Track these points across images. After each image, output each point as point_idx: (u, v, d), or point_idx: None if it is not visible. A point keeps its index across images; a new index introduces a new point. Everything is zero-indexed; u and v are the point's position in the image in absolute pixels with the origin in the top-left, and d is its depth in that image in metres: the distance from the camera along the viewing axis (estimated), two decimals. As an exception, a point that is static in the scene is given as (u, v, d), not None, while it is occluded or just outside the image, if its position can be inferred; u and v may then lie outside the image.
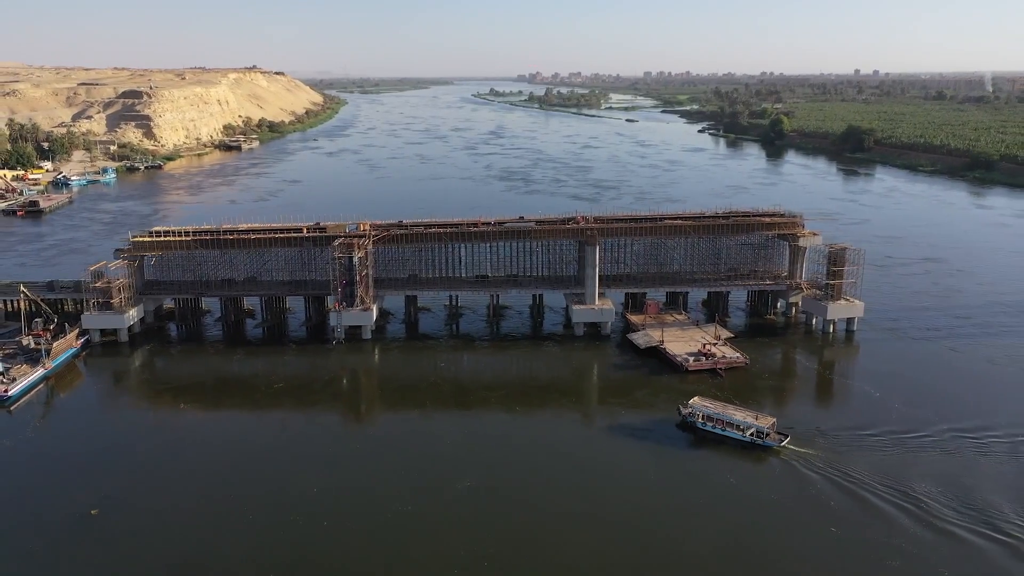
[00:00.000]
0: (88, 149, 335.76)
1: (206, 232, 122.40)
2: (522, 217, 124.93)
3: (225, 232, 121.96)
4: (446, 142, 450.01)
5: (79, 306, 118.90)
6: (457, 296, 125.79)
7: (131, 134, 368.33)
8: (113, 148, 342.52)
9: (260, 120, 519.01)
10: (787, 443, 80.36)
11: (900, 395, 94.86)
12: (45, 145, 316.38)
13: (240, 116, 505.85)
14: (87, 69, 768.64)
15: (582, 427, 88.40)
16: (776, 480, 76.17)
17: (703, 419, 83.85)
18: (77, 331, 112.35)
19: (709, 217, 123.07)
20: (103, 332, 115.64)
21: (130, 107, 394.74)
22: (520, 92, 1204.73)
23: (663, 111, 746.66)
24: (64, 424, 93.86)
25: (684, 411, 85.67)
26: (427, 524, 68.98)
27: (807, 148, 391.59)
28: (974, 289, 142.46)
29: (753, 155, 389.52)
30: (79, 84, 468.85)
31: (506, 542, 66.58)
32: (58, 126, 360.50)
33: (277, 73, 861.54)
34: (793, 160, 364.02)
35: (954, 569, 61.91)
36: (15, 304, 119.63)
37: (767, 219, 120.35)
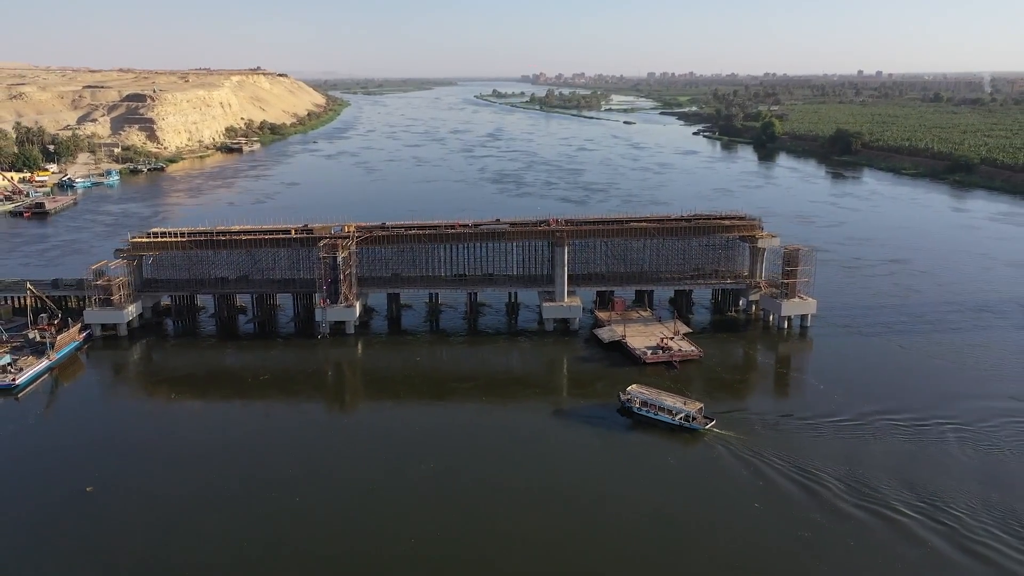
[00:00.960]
0: (92, 152, 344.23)
1: (201, 233, 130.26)
2: (498, 219, 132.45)
3: (219, 233, 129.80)
4: (444, 145, 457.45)
5: (81, 302, 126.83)
6: (437, 294, 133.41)
7: (134, 137, 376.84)
8: (117, 151, 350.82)
9: (262, 122, 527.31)
10: (711, 426, 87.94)
11: (838, 385, 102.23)
12: (51, 148, 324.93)
13: (242, 118, 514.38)
14: (92, 71, 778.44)
15: (541, 414, 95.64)
16: (699, 458, 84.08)
17: (639, 404, 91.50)
18: (79, 326, 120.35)
19: (673, 220, 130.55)
20: (104, 327, 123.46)
21: (134, 110, 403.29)
22: (522, 93, 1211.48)
23: (661, 113, 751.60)
24: (66, 411, 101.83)
25: (623, 398, 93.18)
26: (391, 501, 76.16)
27: (798, 151, 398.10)
28: (932, 289, 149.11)
29: (744, 158, 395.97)
30: (84, 87, 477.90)
31: (462, 515, 73.76)
32: (63, 129, 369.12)
33: (280, 75, 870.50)
34: (783, 163, 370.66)
35: (853, 540, 69.00)
36: (22, 301, 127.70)
37: (727, 222, 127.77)
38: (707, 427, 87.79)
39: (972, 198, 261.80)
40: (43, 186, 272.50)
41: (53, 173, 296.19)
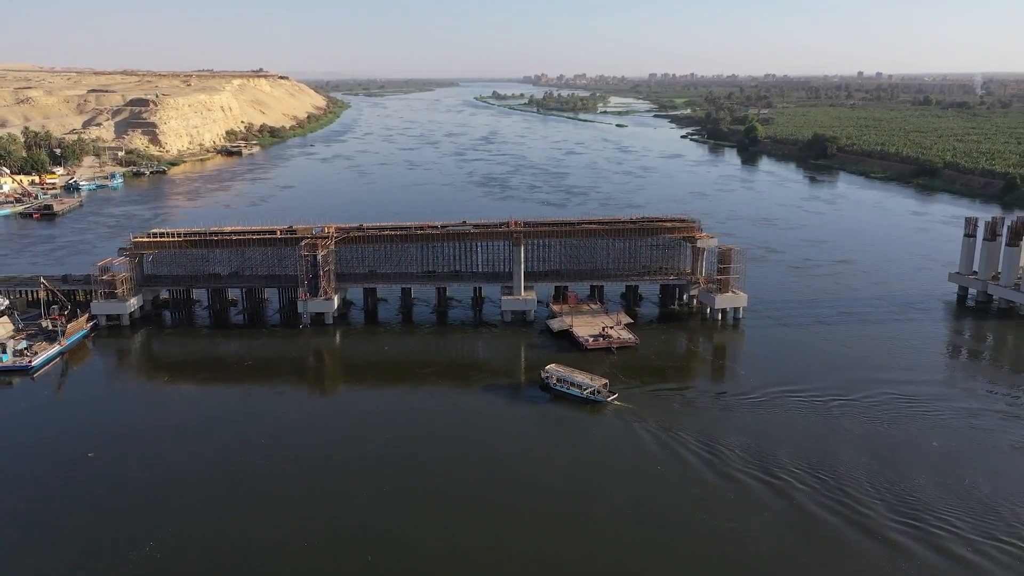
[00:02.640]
0: (97, 155, 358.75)
1: (196, 234, 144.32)
2: (464, 221, 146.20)
3: (212, 234, 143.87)
4: (437, 148, 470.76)
5: (88, 296, 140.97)
6: (410, 288, 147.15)
7: (138, 140, 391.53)
8: (120, 154, 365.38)
9: (262, 126, 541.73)
10: (613, 399, 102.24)
11: (754, 367, 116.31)
12: (57, 151, 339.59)
13: (242, 122, 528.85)
14: (96, 72, 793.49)
15: (486, 392, 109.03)
16: (602, 426, 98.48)
17: (556, 381, 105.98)
18: (87, 316, 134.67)
19: (621, 222, 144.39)
20: (108, 317, 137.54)
21: (137, 115, 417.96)
22: (522, 95, 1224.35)
23: (655, 116, 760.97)
24: (74, 390, 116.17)
25: (543, 376, 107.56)
26: (347, 467, 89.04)
27: (778, 154, 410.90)
28: (867, 287, 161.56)
29: (727, 162, 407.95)
30: (89, 91, 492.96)
31: (406, 477, 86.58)
32: (69, 133, 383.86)
33: (281, 77, 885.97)
34: (763, 166, 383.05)
35: (734, 499, 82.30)
36: (35, 294, 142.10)
37: (669, 224, 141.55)
38: (610, 399, 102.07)
39: (934, 201, 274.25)
40: (53, 188, 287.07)
41: (60, 176, 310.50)
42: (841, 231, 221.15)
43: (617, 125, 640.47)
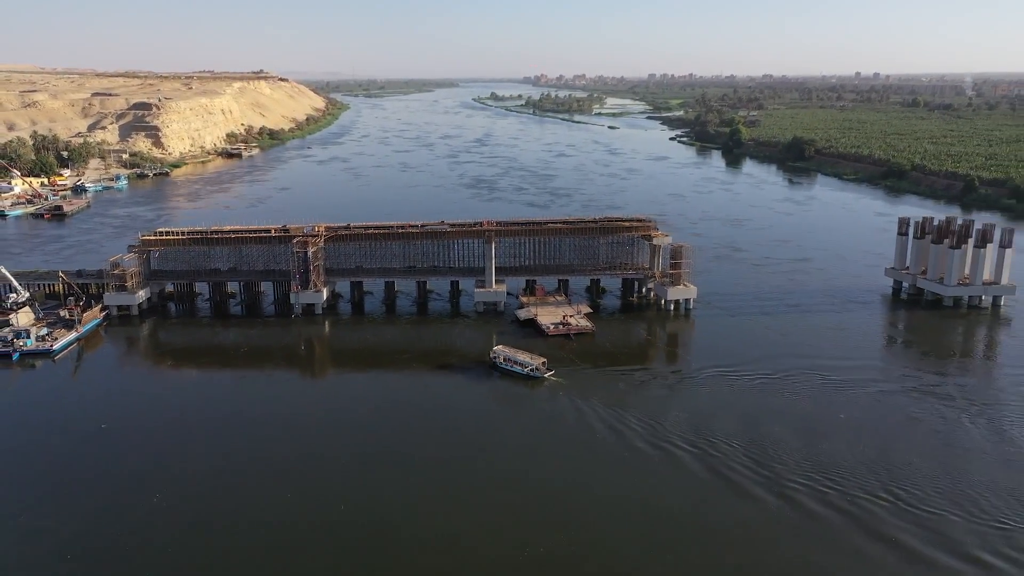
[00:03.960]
0: (102, 157, 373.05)
1: (198, 232, 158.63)
2: (443, 221, 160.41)
3: (213, 232, 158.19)
4: (432, 150, 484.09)
5: (101, 288, 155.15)
6: (393, 282, 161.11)
7: (141, 143, 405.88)
8: (125, 156, 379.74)
9: (261, 128, 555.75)
10: (550, 375, 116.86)
11: (693, 350, 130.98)
12: (64, 154, 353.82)
13: (242, 124, 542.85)
14: (98, 74, 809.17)
15: (452, 373, 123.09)
16: (539, 398, 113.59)
17: (502, 360, 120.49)
18: (100, 306, 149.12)
19: (585, 222, 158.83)
20: (119, 308, 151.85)
21: (140, 118, 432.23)
22: (519, 96, 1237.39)
23: (648, 117, 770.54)
24: (89, 371, 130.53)
25: (491, 356, 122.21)
26: (325, 434, 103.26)
27: (760, 156, 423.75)
28: (816, 283, 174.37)
29: (711, 164, 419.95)
30: (93, 95, 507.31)
31: (377, 441, 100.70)
32: (75, 136, 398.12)
33: (281, 79, 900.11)
34: (746, 168, 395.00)
35: (627, 452, 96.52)
36: (53, 287, 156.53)
37: (627, 223, 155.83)
38: (547, 376, 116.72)
39: (900, 203, 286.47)
40: (64, 190, 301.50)
41: (67, 178, 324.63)
42: (805, 231, 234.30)
43: (609, 127, 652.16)
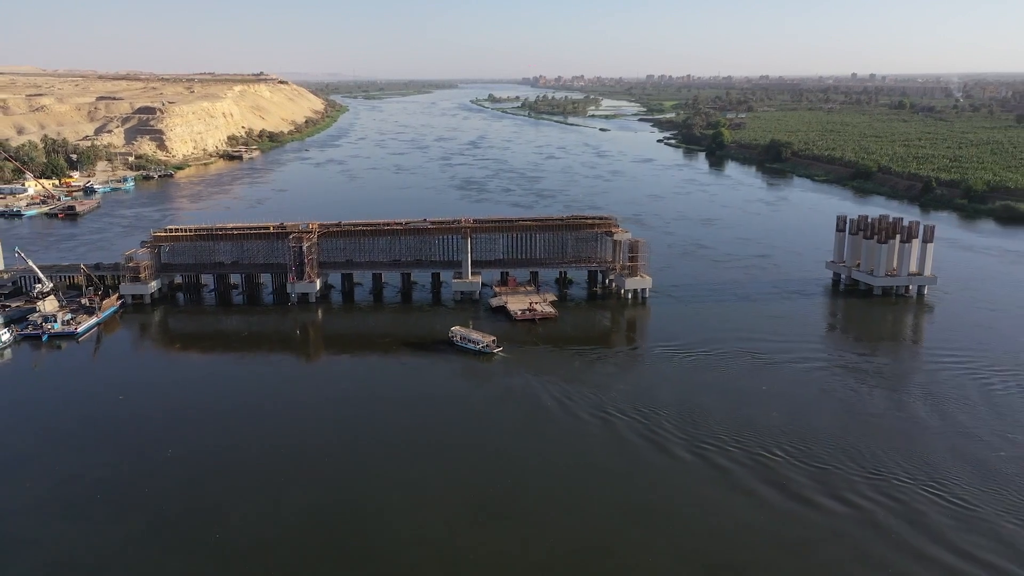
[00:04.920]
0: (109, 160, 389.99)
1: (204, 229, 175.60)
2: (425, 219, 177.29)
3: (217, 229, 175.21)
4: (426, 153, 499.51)
5: (117, 280, 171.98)
6: (380, 274, 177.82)
7: (146, 146, 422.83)
8: (131, 159, 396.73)
9: (261, 131, 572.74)
10: (500, 352, 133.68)
11: (642, 331, 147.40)
12: (73, 157, 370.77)
13: (243, 127, 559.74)
14: (101, 76, 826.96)
15: (426, 353, 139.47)
16: (489, 371, 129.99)
17: (459, 339, 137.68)
18: (117, 295, 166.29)
19: (553, 219, 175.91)
20: (134, 297, 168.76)
21: (145, 122, 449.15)
22: (517, 97, 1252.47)
23: (640, 119, 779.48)
24: (108, 352, 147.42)
25: (449, 335, 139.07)
26: (314, 406, 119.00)
27: (741, 158, 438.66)
28: (770, 277, 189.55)
29: (694, 166, 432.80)
30: (98, 98, 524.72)
31: (355, 412, 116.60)
32: (83, 139, 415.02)
33: (281, 82, 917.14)
34: (728, 170, 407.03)
35: (573, 427, 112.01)
36: (74, 278, 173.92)
37: (590, 220, 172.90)
38: (496, 352, 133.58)
39: (866, 203, 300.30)
40: (78, 191, 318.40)
41: (77, 179, 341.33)
42: (769, 230, 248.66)
43: (600, 129, 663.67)
